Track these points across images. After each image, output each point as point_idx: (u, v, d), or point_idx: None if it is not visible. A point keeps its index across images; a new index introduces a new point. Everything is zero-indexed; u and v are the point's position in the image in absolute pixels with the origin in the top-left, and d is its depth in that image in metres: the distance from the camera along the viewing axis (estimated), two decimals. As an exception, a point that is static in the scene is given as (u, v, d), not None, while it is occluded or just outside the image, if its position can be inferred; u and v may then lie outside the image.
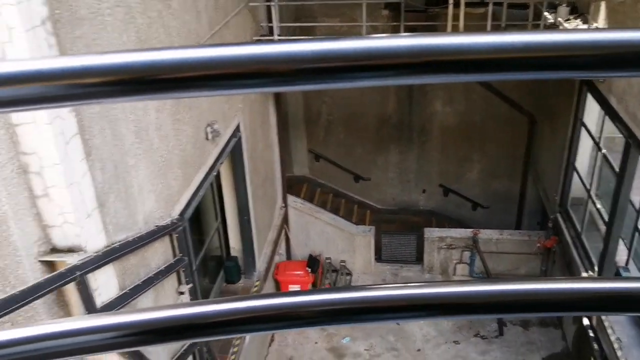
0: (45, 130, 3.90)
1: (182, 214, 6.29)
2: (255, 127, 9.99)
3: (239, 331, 0.70)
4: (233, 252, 9.80)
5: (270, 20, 9.91)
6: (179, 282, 6.29)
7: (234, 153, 8.67)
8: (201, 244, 8.52)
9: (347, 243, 12.90)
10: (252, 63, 0.56)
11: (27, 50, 3.71)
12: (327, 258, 12.94)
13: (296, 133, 14.23)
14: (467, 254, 12.77)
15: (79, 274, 4.11)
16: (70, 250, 4.24)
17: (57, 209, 4.13)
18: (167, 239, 5.95)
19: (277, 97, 11.65)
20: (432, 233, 12.83)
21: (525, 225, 14.14)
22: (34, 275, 4.12)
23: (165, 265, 5.82)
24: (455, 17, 10.01)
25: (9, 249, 3.97)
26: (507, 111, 13.28)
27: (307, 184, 14.27)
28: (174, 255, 6.09)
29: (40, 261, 4.16)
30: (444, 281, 0.76)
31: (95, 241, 4.41)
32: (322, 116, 14.17)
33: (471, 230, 12.68)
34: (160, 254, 5.80)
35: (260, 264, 10.26)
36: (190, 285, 6.27)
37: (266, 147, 10.95)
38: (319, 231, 12.85)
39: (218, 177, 8.69)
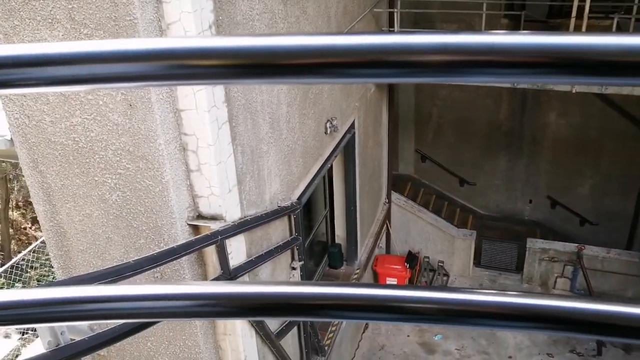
0: (204, 116, 4.70)
1: (299, 198, 7.01)
2: (368, 125, 10.57)
3: (338, 316, 0.71)
4: (337, 240, 10.47)
5: (392, 25, 10.44)
6: (292, 259, 7.03)
7: (347, 148, 9.31)
8: (310, 229, 9.25)
9: (447, 244, 13.16)
10: (366, 53, 0.58)
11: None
12: (425, 257, 13.29)
13: (405, 133, 14.65)
14: (569, 268, 12.58)
15: (220, 238, 4.90)
16: (213, 218, 5.05)
17: (206, 183, 4.95)
18: (286, 218, 6.69)
19: (391, 98, 12.16)
20: (534, 244, 12.76)
21: (637, 247, 13.62)
22: (183, 235, 4.97)
23: (284, 241, 6.56)
24: (578, 29, 9.96)
25: (167, 211, 4.84)
26: (627, 127, 12.88)
27: (412, 183, 14.66)
28: (291, 234, 6.82)
29: (189, 224, 5.00)
30: (544, 294, 0.92)
31: (233, 212, 5.20)
32: (433, 118, 14.47)
33: (576, 245, 12.48)
34: (280, 231, 6.55)
35: (362, 253, 10.86)
36: (302, 262, 6.99)
37: (376, 145, 11.49)
38: (420, 230, 13.22)
39: (330, 168, 9.36)
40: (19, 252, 12.75)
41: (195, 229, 5.09)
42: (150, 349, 5.64)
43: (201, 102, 4.66)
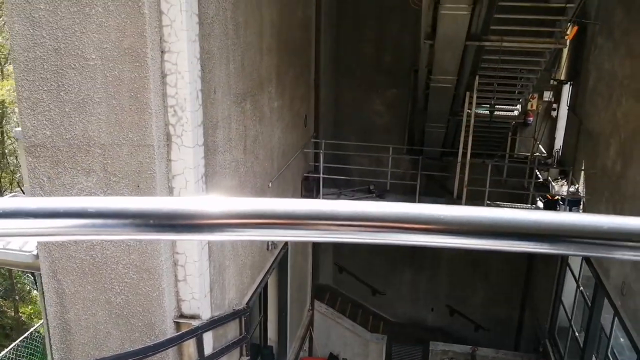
0: (193, 244, 6.47)
1: (248, 303, 8.68)
2: (298, 242, 12.53)
3: None
4: (269, 342, 11.95)
5: (317, 160, 12.79)
6: (241, 354, 8.54)
7: (281, 262, 11.14)
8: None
9: (362, 348, 14.89)
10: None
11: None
12: (344, 358, 14.88)
13: (325, 246, 16.72)
14: (466, 367, 14.63)
15: (200, 332, 6.48)
16: (193, 317, 6.65)
17: (189, 289, 6.60)
18: (238, 320, 8.29)
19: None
20: (436, 346, 14.77)
21: (522, 348, 15.97)
22: (170, 330, 6.51)
23: (236, 339, 8.13)
24: (463, 167, 12.62)
25: (160, 311, 6.42)
26: (507, 247, 15.65)
27: (331, 292, 16.51)
28: (241, 333, 8.40)
29: (174, 322, 6.56)
30: None
31: (206, 313, 6.82)
32: (349, 235, 16.67)
33: (471, 347, 14.62)
34: (233, 330, 8.13)
35: (290, 355, 12.35)
36: (249, 358, 8.51)
37: (303, 259, 13.39)
38: (339, 334, 14.92)
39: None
40: None
41: (178, 325, 6.64)
42: None
43: (192, 243, 6.45)
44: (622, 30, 9.80)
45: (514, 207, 11.97)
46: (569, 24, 9.78)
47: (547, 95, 14.58)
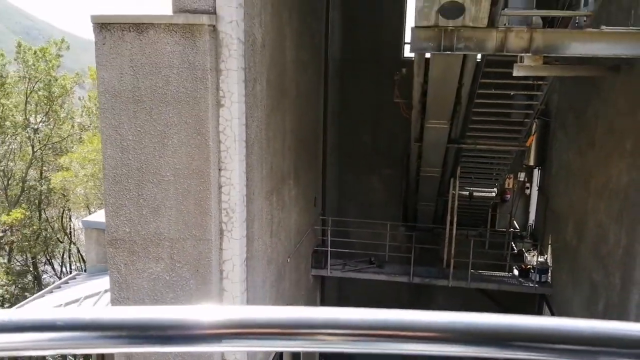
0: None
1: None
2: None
3: None
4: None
5: (324, 235, 14.75)
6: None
7: None
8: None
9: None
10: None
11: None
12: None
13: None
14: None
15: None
16: None
17: None
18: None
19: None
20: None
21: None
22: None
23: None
24: (451, 235, 14.56)
25: None
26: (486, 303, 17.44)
27: None
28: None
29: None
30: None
31: None
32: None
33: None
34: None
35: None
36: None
37: None
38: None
39: None
40: None
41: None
42: None
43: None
44: (573, 131, 12.03)
45: (494, 277, 13.93)
46: (529, 128, 11.97)
47: (521, 176, 16.71)
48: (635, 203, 8.72)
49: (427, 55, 9.18)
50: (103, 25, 7.76)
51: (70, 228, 24.46)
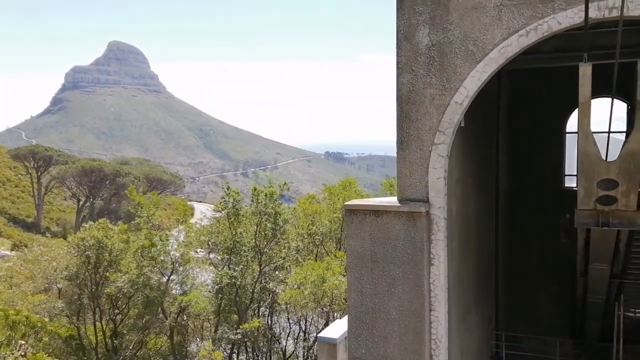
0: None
1: None
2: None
3: None
4: None
5: (498, 347, 16.93)
6: None
7: None
8: None
9: None
10: None
11: None
12: None
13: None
14: None
15: None
16: None
17: None
18: None
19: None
20: None
21: None
22: None
23: None
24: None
25: None
26: None
27: None
28: None
29: None
30: None
31: None
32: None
33: None
34: None
35: None
36: None
37: None
38: None
39: None
40: None
41: None
42: None
43: None
44: None
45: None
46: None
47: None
48: None
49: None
50: (351, 211, 11.51)
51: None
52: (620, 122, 19.31)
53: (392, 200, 11.54)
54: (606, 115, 9.33)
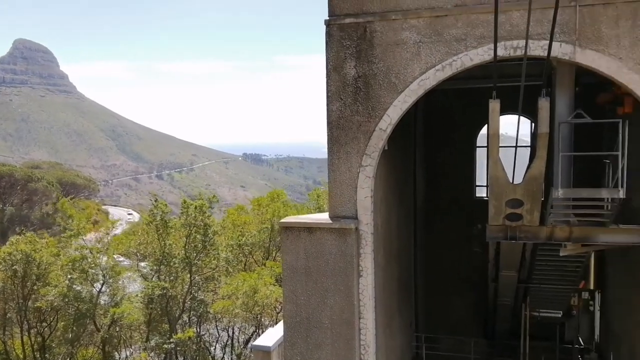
0: None
1: None
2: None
3: None
4: None
5: (418, 349, 18.24)
6: None
7: None
8: None
9: None
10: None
11: None
12: None
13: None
14: None
15: None
16: None
17: None
18: None
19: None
20: None
21: None
22: None
23: None
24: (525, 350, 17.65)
25: None
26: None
27: None
28: None
29: None
30: None
31: None
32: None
33: None
34: None
35: None
36: None
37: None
38: None
39: None
40: None
41: None
42: None
43: None
44: (621, 269, 15.34)
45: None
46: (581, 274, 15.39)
47: (586, 294, 19.68)
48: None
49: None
50: (287, 228, 12.30)
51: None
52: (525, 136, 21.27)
53: (324, 217, 12.42)
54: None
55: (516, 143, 13.83)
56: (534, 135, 16.71)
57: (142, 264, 29.48)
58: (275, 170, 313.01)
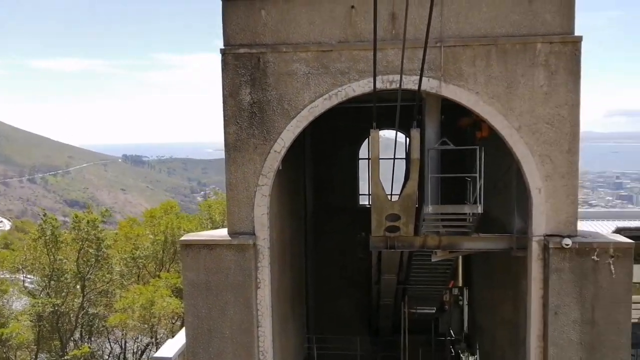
0: None
1: None
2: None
3: None
4: None
5: (310, 349, 19.55)
6: None
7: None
8: None
9: None
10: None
11: None
12: None
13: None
14: None
15: None
16: None
17: None
18: None
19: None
20: None
21: None
22: None
23: None
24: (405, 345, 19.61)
25: None
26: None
27: None
28: None
29: None
30: None
31: None
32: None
33: None
34: None
35: None
36: None
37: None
38: None
39: None
40: None
41: None
42: None
43: None
44: (482, 270, 17.66)
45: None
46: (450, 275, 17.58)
47: (455, 290, 22.12)
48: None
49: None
50: (187, 245, 12.98)
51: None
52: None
53: (222, 233, 13.26)
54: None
55: (394, 155, 15.63)
56: (407, 155, 18.65)
57: (28, 279, 28.24)
58: (158, 172, 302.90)
